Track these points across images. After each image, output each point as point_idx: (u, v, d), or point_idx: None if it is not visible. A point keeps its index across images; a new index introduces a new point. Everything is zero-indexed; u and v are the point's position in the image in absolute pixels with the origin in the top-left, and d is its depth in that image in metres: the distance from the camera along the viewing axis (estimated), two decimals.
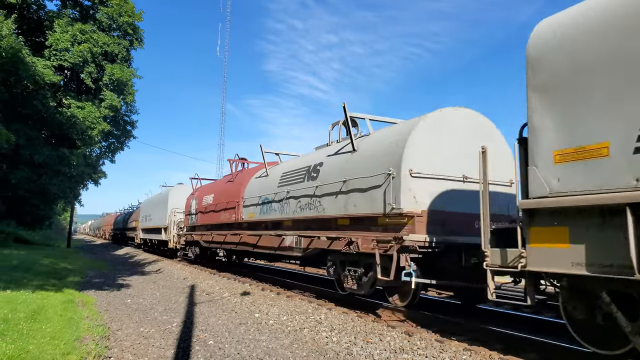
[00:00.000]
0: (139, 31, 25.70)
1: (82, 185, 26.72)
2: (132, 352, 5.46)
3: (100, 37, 22.93)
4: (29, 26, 23.16)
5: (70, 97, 22.87)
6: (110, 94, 23.86)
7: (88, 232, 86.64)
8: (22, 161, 20.75)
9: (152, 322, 7.28)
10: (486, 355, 5.05)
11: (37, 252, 19.26)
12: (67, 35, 21.74)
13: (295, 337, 6.30)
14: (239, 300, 9.42)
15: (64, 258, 19.19)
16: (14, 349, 4.63)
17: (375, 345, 5.70)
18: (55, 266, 14.94)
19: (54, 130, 22.62)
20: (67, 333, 5.76)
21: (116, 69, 23.63)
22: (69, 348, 5.10)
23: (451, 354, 5.16)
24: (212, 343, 5.91)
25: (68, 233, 36.12)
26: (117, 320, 7.42)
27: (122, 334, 6.46)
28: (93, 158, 27.19)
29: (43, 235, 34.43)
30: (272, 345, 5.80)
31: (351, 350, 5.51)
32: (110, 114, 24.40)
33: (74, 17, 23.68)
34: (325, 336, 6.23)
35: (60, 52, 21.63)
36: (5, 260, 13.71)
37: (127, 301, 9.52)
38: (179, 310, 8.36)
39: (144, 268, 18.15)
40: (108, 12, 23.93)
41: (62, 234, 49.60)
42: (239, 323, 7.18)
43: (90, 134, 22.71)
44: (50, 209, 27.21)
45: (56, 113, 21.56)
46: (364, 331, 6.40)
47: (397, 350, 5.43)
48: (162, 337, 6.25)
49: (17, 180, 20.55)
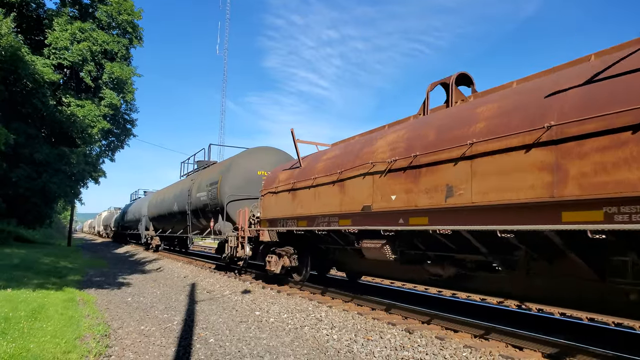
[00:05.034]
0: (138, 29, 25.65)
1: (83, 184, 26.71)
2: (133, 350, 5.46)
3: (100, 35, 22.90)
4: (28, 25, 23.11)
5: (69, 96, 22.84)
6: (110, 92, 23.84)
7: (97, 230, 64.88)
8: (22, 160, 20.74)
9: (152, 320, 7.29)
10: (486, 352, 5.05)
11: (37, 251, 19.28)
12: (67, 33, 21.72)
13: (296, 334, 6.30)
14: (239, 298, 9.43)
15: (65, 257, 19.21)
16: (14, 348, 4.63)
17: (376, 342, 5.71)
18: (55, 265, 14.95)
19: (53, 128, 22.60)
20: (68, 331, 5.76)
21: (116, 67, 23.60)
22: (69, 346, 5.10)
23: (451, 351, 5.17)
24: (213, 341, 5.92)
25: (68, 231, 36.17)
26: (117, 318, 7.43)
27: (123, 332, 6.47)
28: (93, 156, 27.17)
29: (43, 234, 34.51)
30: (273, 343, 5.81)
31: (352, 348, 5.52)
32: (110, 113, 24.37)
33: (73, 15, 23.63)
34: (325, 334, 6.24)
35: (60, 51, 21.61)
36: (6, 258, 13.73)
37: (128, 299, 9.52)
38: (179, 309, 8.37)
39: (144, 266, 18.17)
40: (107, 11, 23.89)
41: (62, 233, 49.68)
42: (240, 321, 7.19)
43: (90, 133, 22.70)
44: (50, 207, 27.19)
45: (56, 111, 21.55)
46: (364, 329, 6.41)
47: (397, 348, 5.43)
48: (162, 335, 6.25)
49: (17, 179, 20.54)
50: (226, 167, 14.47)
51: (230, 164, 14.35)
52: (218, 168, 15.47)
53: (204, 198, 15.28)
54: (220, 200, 13.71)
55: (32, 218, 25.75)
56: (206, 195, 15.08)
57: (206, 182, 15.47)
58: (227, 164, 14.86)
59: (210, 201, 14.67)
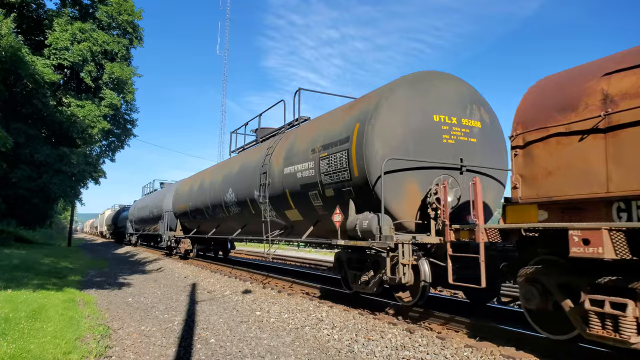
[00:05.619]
0: (138, 29, 25.68)
1: (83, 184, 26.71)
2: (134, 351, 5.45)
3: (100, 35, 22.90)
4: (29, 25, 23.12)
5: (70, 96, 22.86)
6: (110, 92, 23.85)
7: (100, 230, 59.78)
8: (22, 160, 20.74)
9: (153, 321, 7.28)
10: (487, 351, 5.04)
11: (37, 251, 19.29)
12: (67, 34, 21.73)
13: (297, 334, 6.29)
14: (240, 298, 9.42)
15: (65, 257, 19.22)
16: (15, 349, 4.63)
17: (377, 342, 5.69)
18: (56, 265, 14.95)
19: (54, 129, 22.61)
20: (68, 332, 5.75)
21: (116, 67, 23.61)
22: (70, 347, 5.09)
23: (452, 350, 5.15)
24: (214, 341, 5.91)
25: (69, 232, 36.20)
26: (118, 319, 7.42)
27: (124, 332, 6.46)
28: (93, 157, 27.19)
29: (44, 235, 34.51)
30: (274, 343, 5.80)
31: (352, 348, 5.51)
32: (110, 113, 24.39)
33: (74, 15, 23.65)
34: (326, 334, 6.23)
35: (60, 51, 21.61)
36: (6, 259, 13.73)
37: (128, 300, 9.51)
38: (180, 309, 8.36)
39: (144, 267, 18.16)
40: (107, 11, 23.90)
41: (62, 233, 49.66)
42: (241, 321, 7.18)
43: (90, 133, 22.72)
44: (50, 208, 27.22)
45: (56, 112, 21.55)
46: (365, 328, 6.40)
47: (398, 348, 5.42)
48: (163, 336, 6.24)
49: (17, 179, 20.55)
50: (369, 108, 7.69)
51: (377, 102, 7.60)
52: (341, 116, 8.70)
53: (306, 173, 9.04)
54: (362, 170, 7.43)
55: (32, 218, 25.78)
56: (313, 166, 8.82)
57: (312, 144, 9.05)
58: (367, 104, 7.95)
59: (326, 176, 8.41)
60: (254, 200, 11.50)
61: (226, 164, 15.16)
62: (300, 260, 20.00)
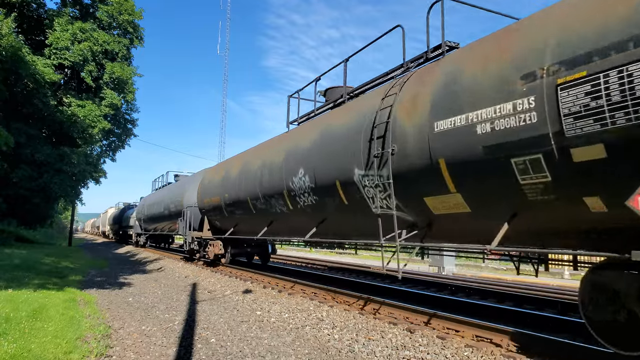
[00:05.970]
0: (139, 29, 25.73)
1: (83, 184, 26.74)
2: (134, 351, 5.46)
3: (101, 35, 22.94)
4: (29, 25, 23.16)
5: (70, 96, 22.89)
6: (111, 92, 23.89)
7: (102, 230, 56.28)
8: (23, 160, 20.77)
9: (153, 321, 7.29)
10: (488, 351, 5.04)
11: (38, 251, 19.30)
12: (67, 33, 21.76)
13: (297, 334, 6.29)
14: (240, 298, 9.42)
15: (66, 257, 19.23)
16: (15, 348, 4.63)
17: (377, 342, 5.70)
18: (56, 265, 14.96)
19: (54, 128, 22.65)
20: (69, 332, 5.76)
21: (116, 67, 23.65)
22: (70, 347, 5.10)
23: (453, 350, 5.16)
24: (214, 341, 5.91)
25: (69, 232, 36.21)
26: (118, 318, 7.42)
27: (124, 332, 6.46)
28: (94, 156, 27.23)
29: (44, 234, 34.53)
30: (274, 343, 5.80)
31: (353, 347, 5.51)
32: (111, 113, 24.43)
33: (74, 15, 23.69)
34: (327, 333, 6.23)
35: (61, 51, 21.65)
36: (7, 259, 13.74)
37: (129, 299, 9.52)
38: (180, 309, 8.37)
39: (145, 266, 18.17)
40: (108, 11, 23.94)
41: (63, 233, 49.69)
42: (241, 321, 7.18)
43: (91, 133, 22.77)
44: (51, 207, 27.27)
45: (56, 112, 21.59)
46: (365, 328, 6.40)
47: (398, 347, 5.42)
48: (164, 336, 6.25)
49: (18, 179, 20.58)
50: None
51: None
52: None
53: (505, 122, 4.56)
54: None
55: (33, 218, 25.82)
56: (532, 105, 4.33)
57: (526, 64, 4.44)
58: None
59: (579, 120, 3.94)
60: (351, 183, 7.34)
61: (287, 137, 10.49)
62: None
